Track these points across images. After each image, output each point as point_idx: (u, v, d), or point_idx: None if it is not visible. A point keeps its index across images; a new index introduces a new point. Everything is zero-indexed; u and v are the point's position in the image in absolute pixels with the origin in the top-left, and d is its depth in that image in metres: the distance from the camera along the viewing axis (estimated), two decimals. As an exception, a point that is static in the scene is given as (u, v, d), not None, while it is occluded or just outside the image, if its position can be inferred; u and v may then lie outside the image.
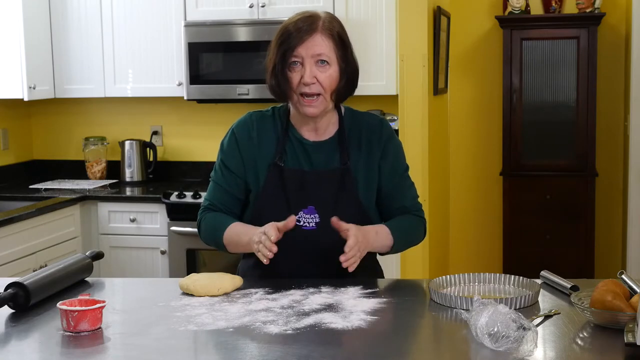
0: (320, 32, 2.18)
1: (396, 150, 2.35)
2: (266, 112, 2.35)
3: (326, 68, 2.19)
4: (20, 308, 2.01)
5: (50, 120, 5.10)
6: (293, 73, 2.19)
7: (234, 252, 2.29)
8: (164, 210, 4.33)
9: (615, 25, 5.27)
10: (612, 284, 1.86)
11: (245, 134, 2.31)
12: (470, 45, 5.48)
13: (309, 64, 2.17)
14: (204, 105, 4.80)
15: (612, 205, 5.36)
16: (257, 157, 2.29)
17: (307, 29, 2.18)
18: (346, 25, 2.32)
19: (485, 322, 1.67)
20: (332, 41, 2.19)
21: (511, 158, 5.25)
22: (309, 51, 2.17)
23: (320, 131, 2.30)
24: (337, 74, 2.21)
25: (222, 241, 2.27)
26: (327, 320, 1.88)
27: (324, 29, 2.19)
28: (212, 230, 2.30)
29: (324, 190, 2.24)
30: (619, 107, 5.30)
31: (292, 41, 2.17)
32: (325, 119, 2.29)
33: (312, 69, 2.17)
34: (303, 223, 2.23)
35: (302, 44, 2.17)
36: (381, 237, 2.24)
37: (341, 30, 2.24)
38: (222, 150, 2.34)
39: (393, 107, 4.41)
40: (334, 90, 2.21)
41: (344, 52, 2.22)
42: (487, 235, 5.54)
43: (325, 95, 2.20)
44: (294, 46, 2.17)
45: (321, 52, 2.18)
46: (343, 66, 2.22)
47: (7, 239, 3.78)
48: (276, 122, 2.32)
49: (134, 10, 4.60)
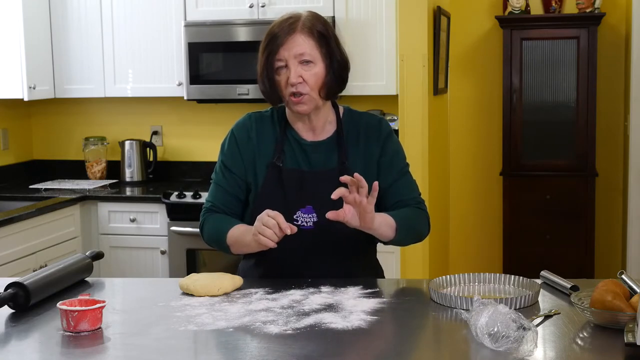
0: (300, 32, 2.21)
1: (395, 147, 2.35)
2: (265, 112, 2.37)
3: (311, 67, 2.21)
4: (20, 308, 2.01)
5: (50, 120, 5.10)
6: (280, 76, 2.22)
7: (237, 252, 2.29)
8: (164, 210, 4.33)
9: (615, 25, 5.27)
10: (612, 284, 1.86)
11: (244, 134, 2.33)
12: (470, 45, 5.48)
13: (293, 65, 2.20)
14: (204, 105, 4.80)
15: (612, 205, 5.36)
16: (256, 157, 2.30)
17: (287, 30, 2.21)
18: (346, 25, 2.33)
19: (485, 322, 1.67)
20: (312, 39, 2.22)
21: (511, 158, 5.25)
22: (291, 52, 2.20)
23: (317, 130, 2.31)
24: (323, 71, 2.23)
25: (225, 242, 2.27)
26: (327, 320, 1.88)
27: (304, 28, 2.22)
28: (216, 232, 2.30)
29: (322, 190, 2.24)
30: (619, 107, 5.30)
31: (274, 45, 2.21)
32: (320, 117, 2.30)
33: (296, 70, 2.20)
34: (301, 222, 2.24)
35: (284, 46, 2.20)
36: (383, 217, 2.18)
37: (323, 27, 2.25)
38: (223, 151, 2.36)
39: (393, 107, 4.41)
40: (321, 87, 2.23)
41: (328, 48, 2.24)
42: (487, 235, 5.54)
43: (312, 93, 2.22)
44: (276, 49, 2.20)
45: (303, 52, 2.20)
46: (328, 62, 2.23)
47: (7, 239, 3.78)
48: (275, 123, 2.33)
49: (134, 10, 4.60)
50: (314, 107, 2.25)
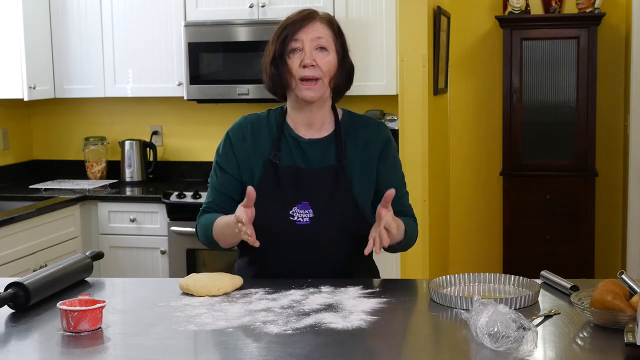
0: (320, 20, 2.27)
1: (394, 154, 2.38)
2: (261, 114, 2.39)
3: (325, 54, 2.25)
4: (20, 308, 2.01)
5: (50, 120, 5.10)
6: (293, 59, 2.24)
7: (228, 246, 2.30)
8: (164, 210, 4.33)
9: (615, 25, 5.27)
10: (612, 284, 1.86)
11: (239, 135, 2.34)
12: (470, 45, 5.48)
13: (308, 48, 2.23)
14: (204, 105, 4.80)
15: (612, 205, 5.36)
16: (252, 156, 2.31)
17: (306, 16, 2.27)
18: (346, 25, 2.35)
19: (485, 322, 1.67)
20: (331, 29, 2.27)
21: (511, 158, 5.25)
22: (309, 35, 2.23)
23: (315, 127, 2.32)
24: (336, 61, 2.26)
25: (214, 239, 2.29)
26: (327, 320, 1.88)
27: (323, 18, 2.29)
28: (204, 231, 2.32)
29: (318, 187, 2.25)
30: (619, 107, 5.30)
31: (292, 28, 2.24)
32: (321, 112, 2.31)
33: (312, 53, 2.23)
34: (297, 218, 2.24)
35: (303, 29, 2.24)
36: (400, 230, 2.22)
37: (339, 25, 2.33)
38: (218, 153, 2.37)
39: (393, 107, 4.41)
40: (332, 77, 2.26)
41: (342, 43, 2.29)
42: (487, 235, 5.54)
43: (324, 79, 2.24)
44: (294, 31, 2.23)
45: (321, 36, 2.24)
46: (341, 56, 2.28)
47: (7, 239, 3.78)
48: (271, 122, 2.34)
49: (134, 10, 4.60)
50: (321, 95, 2.26)
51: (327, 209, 2.23)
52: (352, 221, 2.26)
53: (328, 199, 2.25)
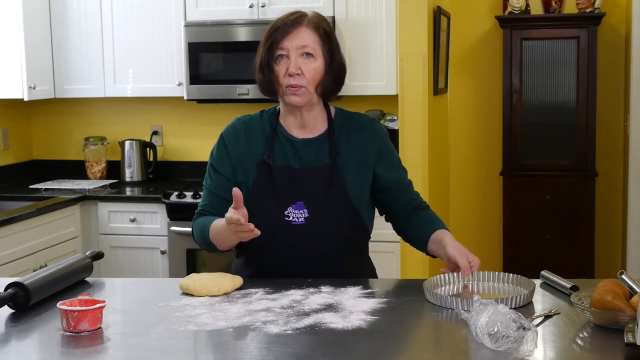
0: (306, 26, 2.24)
1: (391, 148, 2.39)
2: (254, 115, 2.39)
3: (311, 60, 2.23)
4: (20, 308, 2.01)
5: (50, 120, 5.10)
6: (279, 66, 2.24)
7: (225, 249, 2.29)
8: (164, 210, 4.33)
9: (615, 25, 5.27)
10: (612, 284, 1.86)
11: (233, 137, 2.34)
12: (470, 45, 5.48)
13: (294, 56, 2.22)
14: (204, 105, 4.80)
15: (612, 205, 5.36)
16: (245, 157, 2.31)
17: (292, 22, 2.24)
18: (346, 25, 2.34)
19: (485, 322, 1.68)
20: (317, 35, 2.24)
21: (511, 158, 5.25)
22: (294, 43, 2.22)
23: (308, 128, 2.32)
24: (322, 67, 2.25)
25: (210, 242, 2.28)
26: (327, 320, 1.88)
27: (310, 23, 2.25)
28: (201, 233, 2.31)
29: (312, 187, 2.26)
30: (619, 107, 5.30)
31: (278, 35, 2.23)
32: (312, 114, 2.31)
33: (297, 61, 2.22)
34: (292, 218, 2.25)
35: (288, 37, 2.22)
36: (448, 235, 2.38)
37: (327, 27, 2.30)
38: (212, 155, 2.38)
39: (393, 107, 4.41)
40: (319, 83, 2.24)
41: (330, 47, 2.26)
42: (487, 235, 5.54)
43: (308, 87, 2.23)
44: (279, 39, 2.22)
45: (306, 44, 2.22)
46: (328, 61, 2.26)
47: (7, 239, 3.78)
48: (264, 123, 2.35)
49: (134, 10, 4.60)
50: (308, 101, 2.26)
51: (321, 209, 2.24)
52: (346, 220, 2.27)
53: (322, 198, 2.25)
